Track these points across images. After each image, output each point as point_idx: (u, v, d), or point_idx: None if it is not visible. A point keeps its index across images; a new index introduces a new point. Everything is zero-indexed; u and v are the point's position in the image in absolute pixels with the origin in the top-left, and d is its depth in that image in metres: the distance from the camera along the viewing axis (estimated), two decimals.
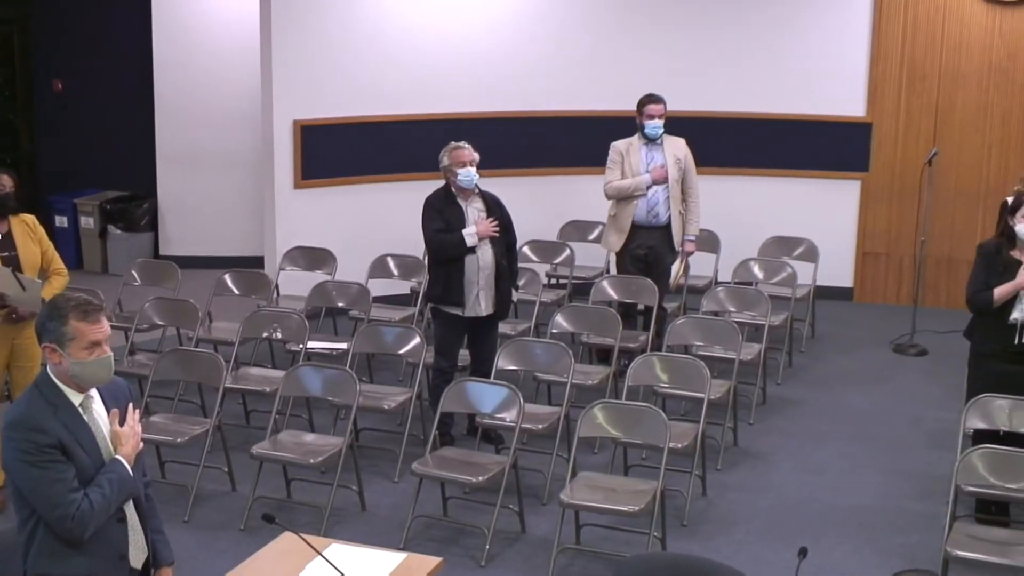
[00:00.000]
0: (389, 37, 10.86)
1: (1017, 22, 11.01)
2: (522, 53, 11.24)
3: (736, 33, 11.48)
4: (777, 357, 9.78)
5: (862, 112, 11.47)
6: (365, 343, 8.43)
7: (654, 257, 9.55)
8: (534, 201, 10.93)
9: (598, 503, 6.64)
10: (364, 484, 7.48)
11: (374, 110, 10.85)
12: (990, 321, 7.06)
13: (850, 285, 11.76)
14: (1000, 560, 6.11)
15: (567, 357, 7.89)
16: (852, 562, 6.89)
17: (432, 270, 8.34)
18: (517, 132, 11.27)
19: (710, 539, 7.14)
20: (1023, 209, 6.97)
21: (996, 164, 11.21)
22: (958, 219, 11.37)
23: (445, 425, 7.97)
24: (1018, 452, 6.54)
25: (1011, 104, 11.15)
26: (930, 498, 7.61)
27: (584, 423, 6.93)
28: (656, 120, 9.43)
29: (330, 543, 5.29)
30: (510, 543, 7.05)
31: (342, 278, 9.75)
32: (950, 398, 8.78)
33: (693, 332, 8.65)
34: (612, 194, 9.52)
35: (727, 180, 11.36)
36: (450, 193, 8.12)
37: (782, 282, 10.13)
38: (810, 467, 8.20)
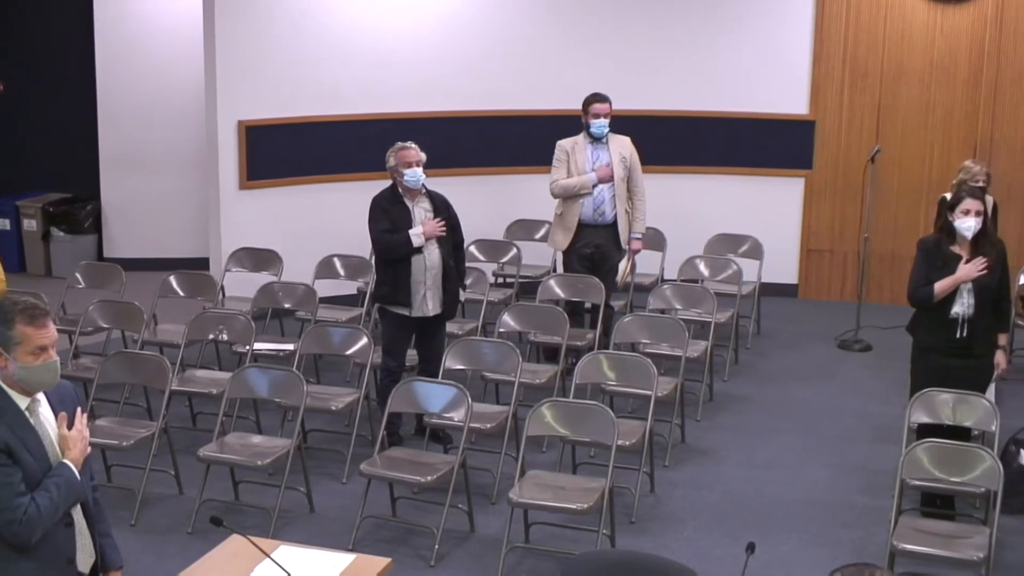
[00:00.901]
0: (334, 37, 10.82)
1: (958, 19, 11.12)
2: (467, 53, 11.24)
3: (680, 32, 11.53)
4: (723, 354, 9.83)
5: (805, 110, 11.55)
6: (312, 344, 8.40)
7: (601, 256, 9.58)
8: (480, 200, 10.93)
9: (547, 501, 6.66)
10: (312, 485, 7.46)
11: (319, 110, 10.81)
12: (932, 316, 7.13)
13: (795, 282, 11.84)
14: (945, 553, 6.18)
15: (515, 356, 7.90)
16: (799, 556, 6.94)
17: (379, 270, 8.33)
18: (463, 132, 11.27)
19: (659, 535, 7.17)
20: (962, 205, 7.04)
21: (938, 161, 11.32)
22: (901, 215, 11.48)
23: (393, 425, 7.96)
24: (962, 446, 6.61)
25: (952, 101, 11.27)
26: (876, 492, 7.68)
27: (532, 422, 6.94)
28: (601, 119, 9.46)
29: (278, 545, 5.28)
30: (459, 543, 7.06)
31: (288, 279, 9.72)
32: (894, 393, 8.85)
33: (640, 330, 8.69)
34: (558, 193, 9.54)
35: (672, 178, 11.41)
36: (396, 193, 8.12)
37: (728, 279, 10.18)
38: (757, 462, 8.25)
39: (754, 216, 11.36)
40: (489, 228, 10.81)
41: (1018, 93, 11.08)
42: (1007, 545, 6.97)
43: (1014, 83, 11.07)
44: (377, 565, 5.24)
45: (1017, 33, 11.01)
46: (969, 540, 6.27)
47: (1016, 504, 7.30)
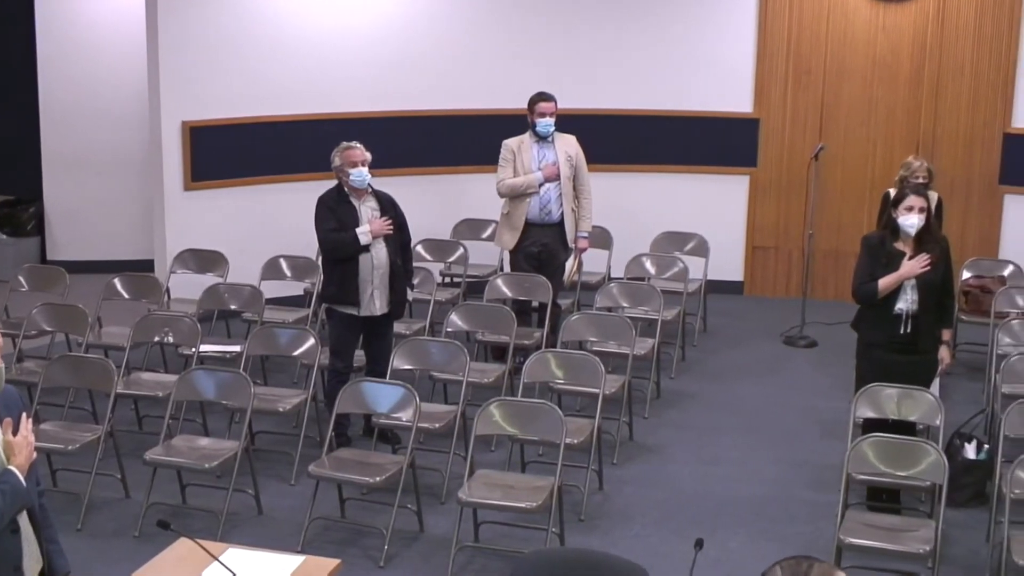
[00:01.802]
0: (279, 36, 10.77)
1: (900, 18, 11.22)
2: (413, 52, 11.22)
3: (625, 31, 11.56)
4: (670, 351, 9.87)
5: (749, 108, 11.61)
6: (259, 345, 8.37)
7: (548, 254, 9.59)
8: (427, 200, 10.93)
9: (496, 500, 6.67)
10: (260, 487, 7.42)
11: (264, 110, 10.76)
12: (876, 312, 7.19)
13: (740, 279, 11.91)
14: (892, 546, 6.24)
15: (462, 355, 7.90)
16: (747, 552, 6.98)
17: (326, 270, 8.31)
18: (409, 131, 11.25)
19: (608, 533, 7.19)
20: (905, 201, 7.10)
21: (881, 158, 11.42)
22: (845, 212, 11.57)
23: (341, 426, 7.94)
24: (907, 440, 6.68)
25: (895, 99, 11.37)
26: (822, 487, 7.73)
27: (480, 421, 6.94)
28: (547, 118, 9.48)
29: (227, 548, 5.26)
30: (409, 543, 7.05)
31: (234, 280, 9.67)
32: (840, 388, 8.93)
33: (587, 328, 8.71)
34: (505, 192, 9.55)
35: (618, 177, 11.44)
36: (343, 193, 8.10)
37: (674, 277, 10.22)
38: (705, 459, 8.29)
39: (700, 214, 11.42)
40: (436, 228, 10.80)
41: (960, 90, 11.19)
42: (952, 538, 7.04)
43: (955, 80, 11.18)
44: (326, 566, 5.23)
45: (958, 30, 11.12)
46: (915, 533, 6.33)
47: (961, 497, 7.38)
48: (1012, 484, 6.34)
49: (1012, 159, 11.13)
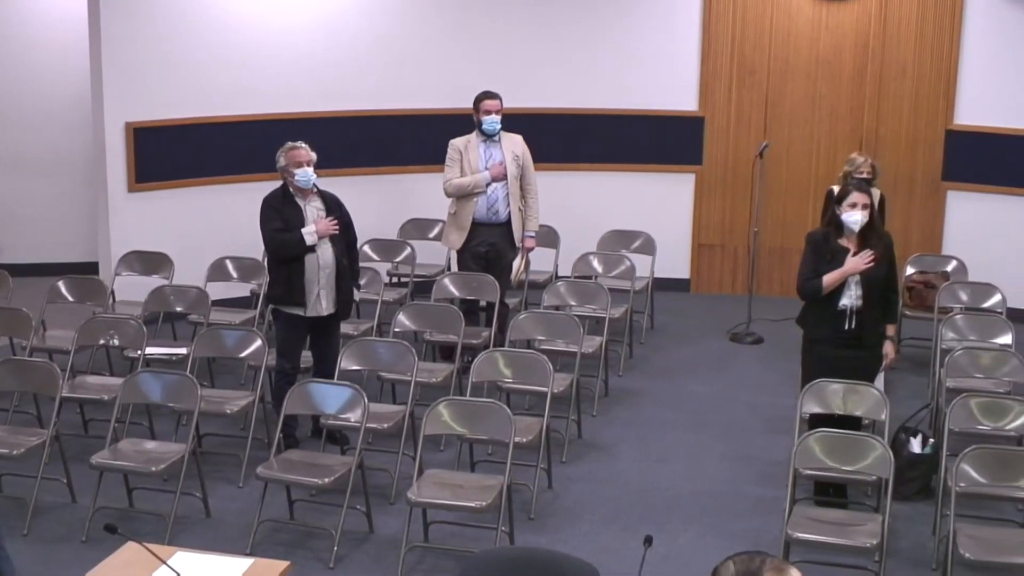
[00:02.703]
0: (223, 37, 10.71)
1: (842, 16, 11.31)
2: (357, 51, 11.19)
3: (571, 30, 11.59)
4: (618, 349, 9.91)
5: (695, 106, 11.67)
6: (205, 347, 8.32)
7: (495, 254, 9.60)
8: (373, 200, 10.91)
9: (445, 500, 6.67)
10: (208, 490, 7.38)
11: (209, 111, 10.70)
12: (821, 308, 7.24)
13: (687, 276, 11.97)
14: (839, 540, 6.28)
15: (410, 355, 7.90)
16: (696, 548, 7.01)
17: (272, 271, 8.27)
18: (355, 131, 11.23)
19: (557, 531, 7.20)
20: (849, 198, 7.15)
21: (825, 155, 11.50)
22: (789, 209, 11.65)
23: (289, 427, 7.91)
24: (853, 435, 6.73)
25: (838, 96, 11.46)
26: (770, 482, 7.79)
27: (429, 421, 6.94)
28: (493, 116, 9.49)
29: (175, 551, 5.23)
30: (358, 543, 7.03)
31: (180, 282, 9.61)
32: (786, 384, 8.99)
33: (535, 327, 8.72)
34: (452, 192, 9.55)
35: (565, 176, 11.47)
36: (288, 193, 8.07)
37: (621, 275, 10.25)
38: (653, 456, 8.32)
39: (646, 212, 11.46)
40: (383, 228, 10.79)
41: (902, 87, 11.29)
42: (899, 532, 7.10)
43: (898, 78, 11.28)
44: (275, 568, 5.21)
45: (900, 28, 11.22)
46: (862, 527, 6.38)
47: (907, 491, 7.45)
48: (957, 478, 6.40)
49: (954, 156, 11.25)
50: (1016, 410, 7.08)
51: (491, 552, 5.86)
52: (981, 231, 11.12)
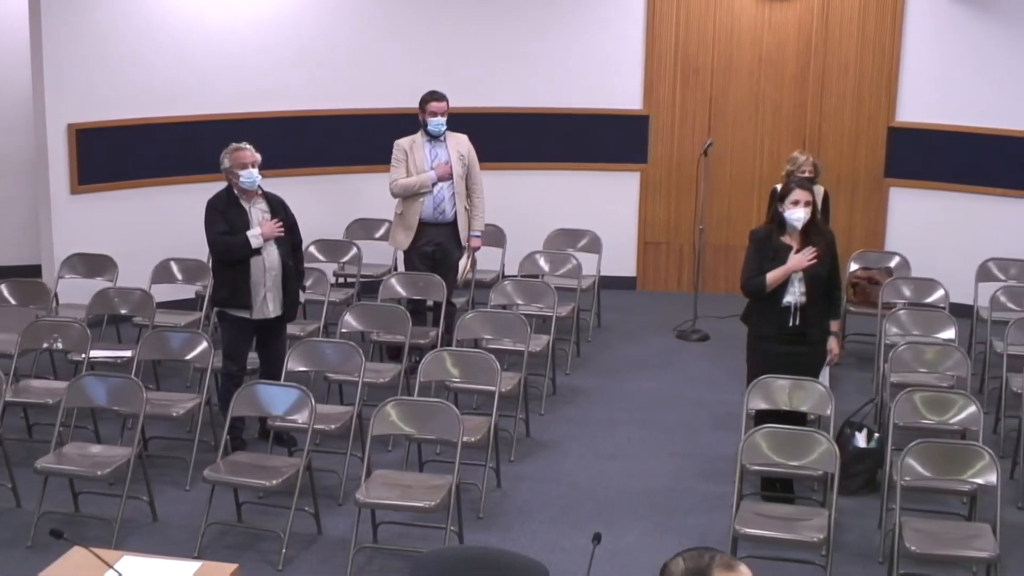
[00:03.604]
0: (167, 36, 10.62)
1: (785, 15, 11.39)
2: (303, 52, 11.14)
3: (515, 29, 11.60)
4: (565, 347, 9.93)
5: (639, 105, 11.71)
6: (150, 350, 8.27)
7: (442, 253, 9.60)
8: (319, 200, 10.87)
9: (394, 500, 6.66)
10: (155, 493, 7.33)
11: (152, 112, 10.61)
12: (765, 305, 7.29)
13: (633, 274, 12.01)
14: (786, 535, 6.33)
15: (357, 356, 7.88)
16: (645, 545, 7.04)
17: (217, 273, 8.23)
18: (300, 131, 11.18)
19: (506, 530, 7.21)
20: (791, 196, 7.20)
21: (768, 153, 11.58)
22: (734, 207, 11.72)
23: (236, 430, 7.88)
24: (799, 430, 6.79)
25: (781, 95, 11.53)
26: (717, 478, 7.83)
27: (377, 421, 6.93)
28: (439, 118, 9.49)
29: (121, 556, 5.20)
30: (307, 545, 7.01)
31: (124, 284, 9.53)
32: (732, 380, 9.03)
33: (482, 326, 8.73)
34: (398, 192, 9.54)
35: (511, 175, 11.48)
36: (232, 195, 8.03)
37: (567, 274, 10.28)
38: (601, 454, 8.35)
39: (592, 211, 11.49)
40: (328, 228, 10.75)
41: (844, 85, 11.39)
42: (845, 526, 7.16)
43: (840, 76, 11.37)
44: (223, 571, 5.20)
45: (842, 27, 11.31)
46: (809, 522, 6.43)
47: (852, 485, 7.51)
48: (902, 471, 6.46)
49: (896, 153, 11.35)
50: (959, 404, 7.16)
51: (441, 552, 5.86)
52: (923, 227, 11.23)
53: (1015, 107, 10.79)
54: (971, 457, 6.46)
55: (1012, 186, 10.91)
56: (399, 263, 10.40)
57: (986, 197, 11.03)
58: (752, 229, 7.61)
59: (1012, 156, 10.87)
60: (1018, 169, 10.86)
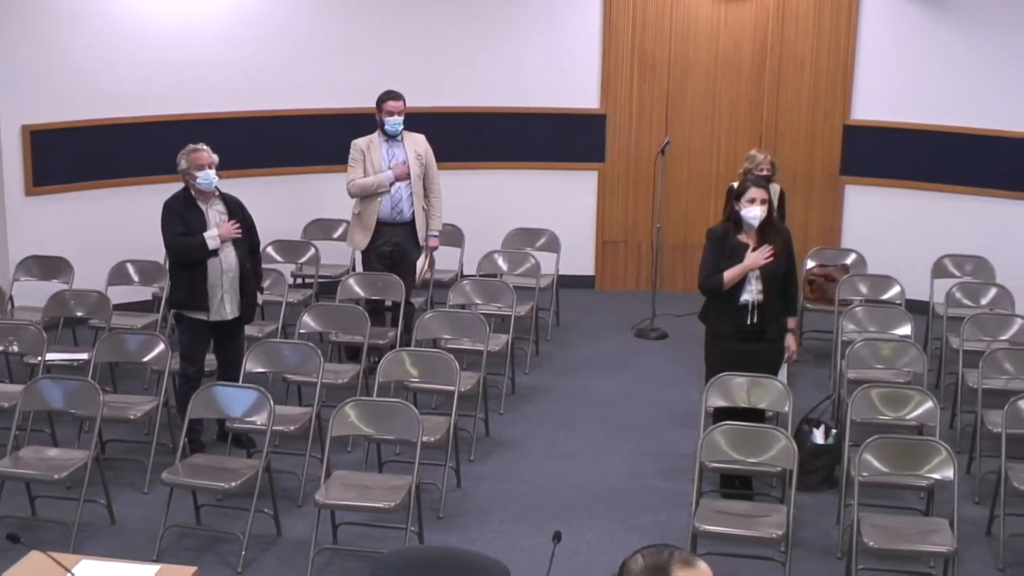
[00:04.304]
0: (122, 37, 10.54)
1: (741, 13, 11.44)
2: (259, 51, 11.09)
3: (473, 29, 11.59)
4: (524, 347, 9.94)
5: (596, 104, 11.73)
6: (107, 352, 8.22)
7: (400, 253, 9.59)
8: (276, 201, 10.83)
9: (353, 501, 6.65)
10: (113, 497, 7.29)
11: (107, 112, 10.54)
12: (722, 304, 7.32)
13: (591, 273, 12.03)
14: (745, 532, 6.37)
15: (316, 357, 7.86)
16: (605, 543, 7.05)
17: (174, 275, 8.19)
18: (256, 132, 11.14)
19: (466, 530, 7.21)
20: (748, 194, 7.24)
21: (725, 151, 11.63)
22: (691, 205, 11.76)
23: (194, 432, 7.84)
24: (757, 427, 6.82)
25: (738, 93, 11.58)
26: (676, 476, 7.86)
27: (336, 422, 6.91)
28: (396, 118, 9.48)
29: (79, 560, 5.17)
30: (266, 547, 6.99)
31: (80, 287, 9.48)
32: (691, 378, 9.07)
33: (441, 326, 8.72)
34: (355, 192, 9.52)
35: (469, 174, 11.47)
36: (190, 196, 7.99)
37: (526, 273, 10.30)
38: (561, 452, 8.36)
39: (550, 210, 11.51)
40: (286, 228, 10.71)
41: (800, 83, 11.44)
42: (804, 522, 7.20)
43: (796, 74, 11.43)
44: (183, 574, 5.19)
45: (798, 25, 11.37)
46: (767, 519, 6.46)
47: (811, 482, 7.55)
48: (860, 467, 6.50)
49: (852, 150, 11.42)
50: (916, 400, 7.21)
51: (401, 552, 5.85)
52: (879, 224, 11.30)
53: (969, 104, 10.87)
54: (928, 452, 6.51)
55: (966, 183, 11.00)
56: (357, 263, 10.38)
57: (941, 194, 11.11)
58: (709, 227, 7.64)
59: (967, 153, 10.96)
60: (973, 166, 10.95)
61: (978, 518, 7.31)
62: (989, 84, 10.79)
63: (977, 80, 10.83)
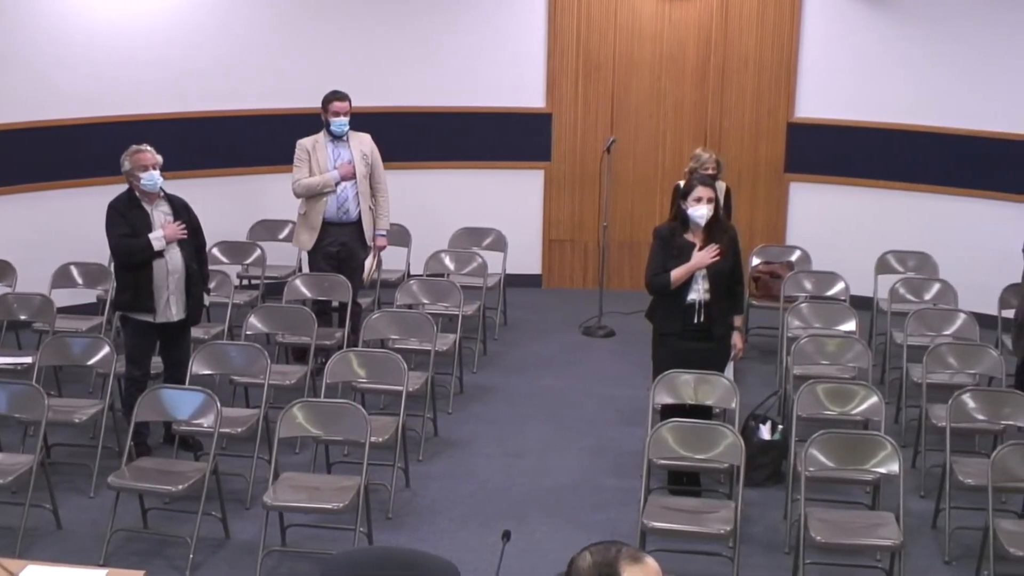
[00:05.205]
0: (64, 37, 10.44)
1: (685, 12, 11.49)
2: (202, 52, 11.02)
3: (418, 29, 11.58)
4: (472, 346, 9.94)
5: (542, 103, 11.75)
6: (51, 356, 8.15)
7: (346, 253, 9.57)
8: (221, 202, 10.77)
9: (302, 503, 6.63)
10: (59, 501, 7.23)
11: (50, 114, 10.44)
12: (669, 303, 7.34)
13: (538, 272, 12.05)
14: (693, 528, 6.39)
15: (263, 358, 7.83)
16: (554, 540, 7.07)
17: (119, 277, 8.14)
18: (201, 132, 11.07)
19: (416, 530, 7.21)
20: (694, 193, 7.26)
21: (671, 149, 11.68)
22: (637, 203, 11.80)
23: (140, 435, 7.78)
24: (704, 424, 6.85)
25: (683, 91, 11.64)
26: (624, 473, 7.88)
27: (284, 423, 6.89)
28: (341, 117, 9.46)
29: (26, 565, 5.13)
30: (214, 550, 6.96)
31: (23, 290, 9.39)
32: (638, 376, 9.10)
33: (388, 326, 8.71)
34: (301, 192, 9.50)
35: (415, 174, 11.47)
36: (134, 197, 7.93)
37: (473, 272, 10.30)
38: (510, 451, 8.37)
39: (497, 209, 11.52)
40: (232, 229, 10.65)
41: (744, 81, 11.51)
42: (751, 517, 7.25)
43: (740, 72, 11.50)
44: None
45: (742, 23, 11.44)
46: (715, 515, 6.49)
47: (758, 477, 7.60)
48: (806, 462, 6.55)
49: (796, 148, 11.51)
50: (861, 395, 7.27)
51: (350, 553, 5.84)
52: (823, 221, 11.39)
53: (912, 102, 10.98)
54: (873, 447, 6.57)
55: (909, 180, 11.11)
56: (304, 264, 10.35)
57: (884, 191, 11.21)
58: (656, 227, 7.66)
59: (909, 150, 11.07)
60: (915, 163, 11.06)
61: (924, 511, 7.39)
62: (930, 81, 10.90)
63: (919, 78, 10.94)
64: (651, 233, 7.57)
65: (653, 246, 7.43)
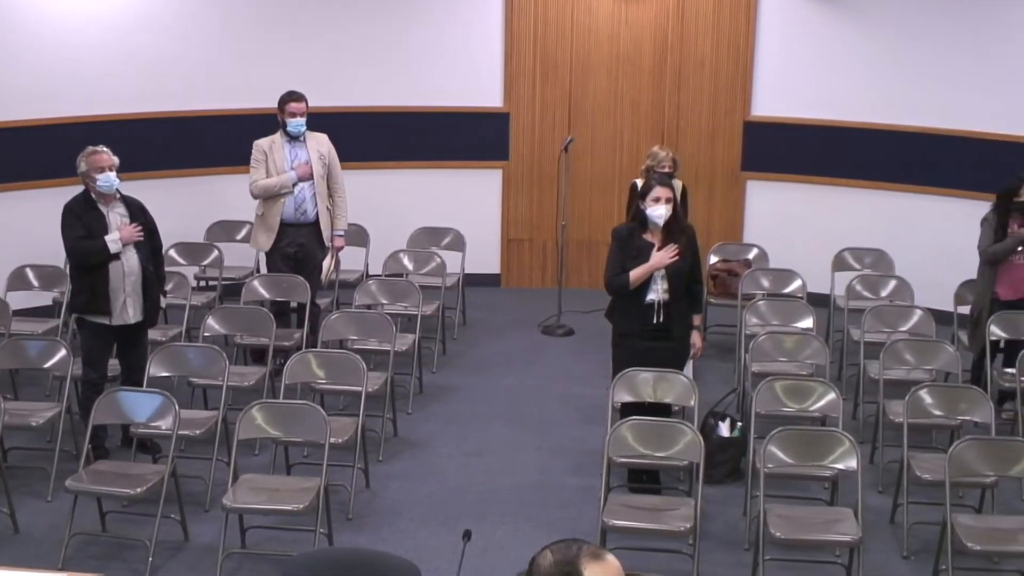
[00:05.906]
0: (16, 37, 10.36)
1: (641, 12, 11.53)
2: (160, 52, 10.94)
3: (375, 28, 11.55)
4: (431, 346, 9.93)
5: (500, 103, 11.76)
6: (7, 359, 8.09)
7: (304, 254, 9.55)
8: (178, 203, 10.71)
9: (261, 504, 6.61)
10: (16, 505, 7.18)
11: (5, 115, 10.33)
12: (628, 303, 7.35)
13: (497, 271, 12.06)
14: (653, 526, 6.41)
15: (221, 360, 7.80)
16: (515, 539, 7.07)
17: (75, 279, 8.08)
18: (157, 133, 11.00)
19: (376, 530, 7.20)
20: (652, 193, 7.27)
21: (628, 148, 11.71)
22: (595, 203, 11.83)
23: (98, 438, 7.74)
24: (664, 422, 6.87)
25: (639, 90, 11.67)
26: (584, 472, 7.90)
27: (243, 425, 6.87)
28: (298, 118, 9.44)
29: None
30: (174, 553, 6.92)
31: None
32: (598, 374, 9.11)
33: (347, 326, 8.69)
34: (258, 193, 9.46)
35: (373, 174, 11.45)
36: (90, 199, 7.88)
37: (432, 272, 10.29)
38: (469, 451, 8.37)
39: (455, 209, 11.52)
40: (188, 231, 10.60)
41: (700, 81, 11.56)
42: (711, 514, 7.28)
43: (696, 72, 11.54)
44: None
45: (698, 23, 11.48)
46: (675, 512, 6.52)
47: (717, 474, 7.63)
48: (765, 459, 6.58)
49: (752, 147, 11.56)
50: (819, 391, 7.31)
51: (311, 554, 5.82)
52: (780, 219, 11.45)
53: (866, 100, 11.05)
54: (831, 443, 6.61)
55: (864, 177, 11.18)
56: (261, 265, 10.31)
57: (840, 189, 11.28)
58: (615, 227, 7.66)
59: (864, 148, 11.14)
60: (870, 161, 11.12)
61: (882, 507, 7.44)
62: (884, 80, 10.97)
63: (873, 76, 11.01)
64: (609, 233, 7.58)
65: (612, 247, 7.43)
